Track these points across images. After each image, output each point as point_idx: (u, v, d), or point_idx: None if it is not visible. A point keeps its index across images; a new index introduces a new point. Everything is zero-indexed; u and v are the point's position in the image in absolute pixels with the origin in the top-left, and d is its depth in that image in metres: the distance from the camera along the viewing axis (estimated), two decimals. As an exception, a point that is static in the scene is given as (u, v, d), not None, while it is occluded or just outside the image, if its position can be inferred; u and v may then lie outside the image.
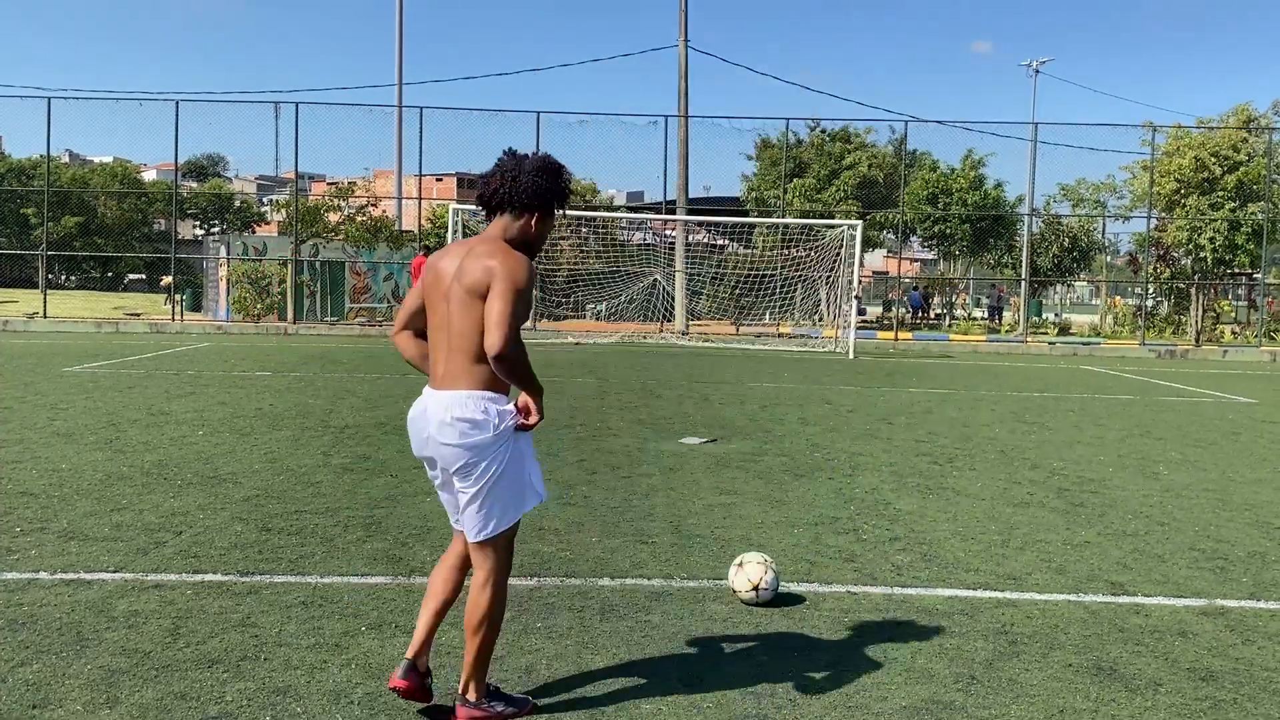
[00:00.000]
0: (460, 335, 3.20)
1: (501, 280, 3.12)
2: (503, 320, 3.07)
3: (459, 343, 3.21)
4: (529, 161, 3.31)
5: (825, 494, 6.90)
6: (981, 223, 36.30)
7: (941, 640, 4.18)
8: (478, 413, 3.19)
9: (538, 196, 3.28)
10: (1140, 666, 3.97)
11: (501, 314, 3.08)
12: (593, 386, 13.27)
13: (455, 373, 3.23)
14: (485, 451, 3.21)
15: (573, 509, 6.22)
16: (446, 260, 3.32)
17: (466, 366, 3.21)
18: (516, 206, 3.29)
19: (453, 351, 3.23)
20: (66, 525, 5.55)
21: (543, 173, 3.28)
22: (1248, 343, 28.55)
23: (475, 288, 3.15)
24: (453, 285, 3.23)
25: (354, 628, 4.11)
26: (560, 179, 3.33)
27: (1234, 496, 7.29)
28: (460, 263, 3.24)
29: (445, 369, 3.25)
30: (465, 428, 3.18)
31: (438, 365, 3.29)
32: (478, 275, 3.16)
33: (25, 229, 53.03)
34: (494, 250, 3.20)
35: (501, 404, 3.24)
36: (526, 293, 3.17)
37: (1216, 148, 29.57)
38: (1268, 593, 4.99)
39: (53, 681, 3.51)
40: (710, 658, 3.93)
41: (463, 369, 3.22)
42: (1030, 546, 5.70)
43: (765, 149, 34.63)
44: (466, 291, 3.18)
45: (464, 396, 3.21)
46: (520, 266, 3.16)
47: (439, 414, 3.22)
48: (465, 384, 3.22)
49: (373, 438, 8.57)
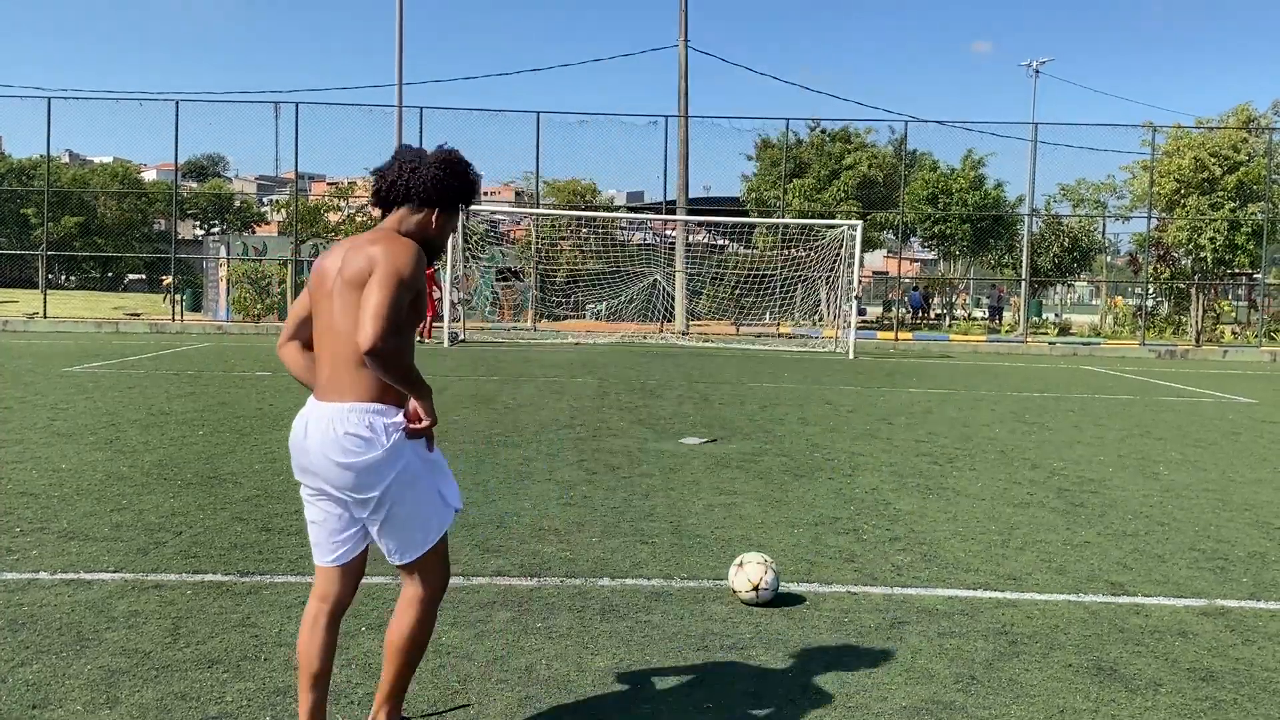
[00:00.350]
0: (343, 340, 2.84)
1: (383, 265, 2.77)
2: (379, 311, 2.70)
3: (343, 349, 2.84)
4: (432, 154, 3.04)
5: (825, 494, 6.91)
6: (981, 223, 36.30)
7: (941, 640, 4.18)
8: (363, 429, 2.82)
9: (439, 190, 2.99)
10: (1140, 667, 3.97)
11: (379, 304, 2.71)
12: (593, 386, 13.27)
13: (339, 383, 2.86)
14: (381, 472, 2.84)
15: (573, 509, 6.22)
16: (331, 258, 2.97)
17: (350, 376, 2.84)
18: (415, 199, 2.98)
19: (336, 360, 2.86)
20: (66, 525, 5.55)
21: (446, 166, 2.99)
22: (1248, 343, 28.55)
23: (357, 279, 2.82)
24: (335, 282, 2.89)
25: (354, 628, 4.11)
26: (466, 176, 3.04)
27: (1234, 497, 7.29)
28: (346, 258, 2.89)
29: (329, 378, 2.89)
30: (352, 445, 2.81)
31: (321, 374, 2.92)
32: (359, 264, 2.83)
33: (25, 229, 53.05)
34: (380, 238, 2.89)
35: (389, 416, 2.86)
36: (412, 283, 2.80)
37: (1216, 148, 29.58)
38: (1268, 593, 4.99)
39: (53, 681, 3.51)
40: (710, 658, 3.93)
41: (347, 378, 2.84)
42: (1030, 546, 5.70)
43: (765, 149, 34.64)
44: (347, 285, 2.84)
45: (347, 410, 2.83)
46: (406, 253, 2.82)
47: (321, 430, 2.84)
48: (350, 395, 2.84)
49: (373, 438, 8.56)
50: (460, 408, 10.69)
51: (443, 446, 9.42)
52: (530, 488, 6.79)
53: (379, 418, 2.84)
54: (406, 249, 2.83)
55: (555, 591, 4.66)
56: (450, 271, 21.55)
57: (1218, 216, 29.34)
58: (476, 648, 3.94)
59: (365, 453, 2.81)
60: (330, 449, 2.83)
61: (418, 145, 3.12)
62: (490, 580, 4.78)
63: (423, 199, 2.98)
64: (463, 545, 5.32)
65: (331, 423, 2.83)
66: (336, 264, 2.92)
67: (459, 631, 4.10)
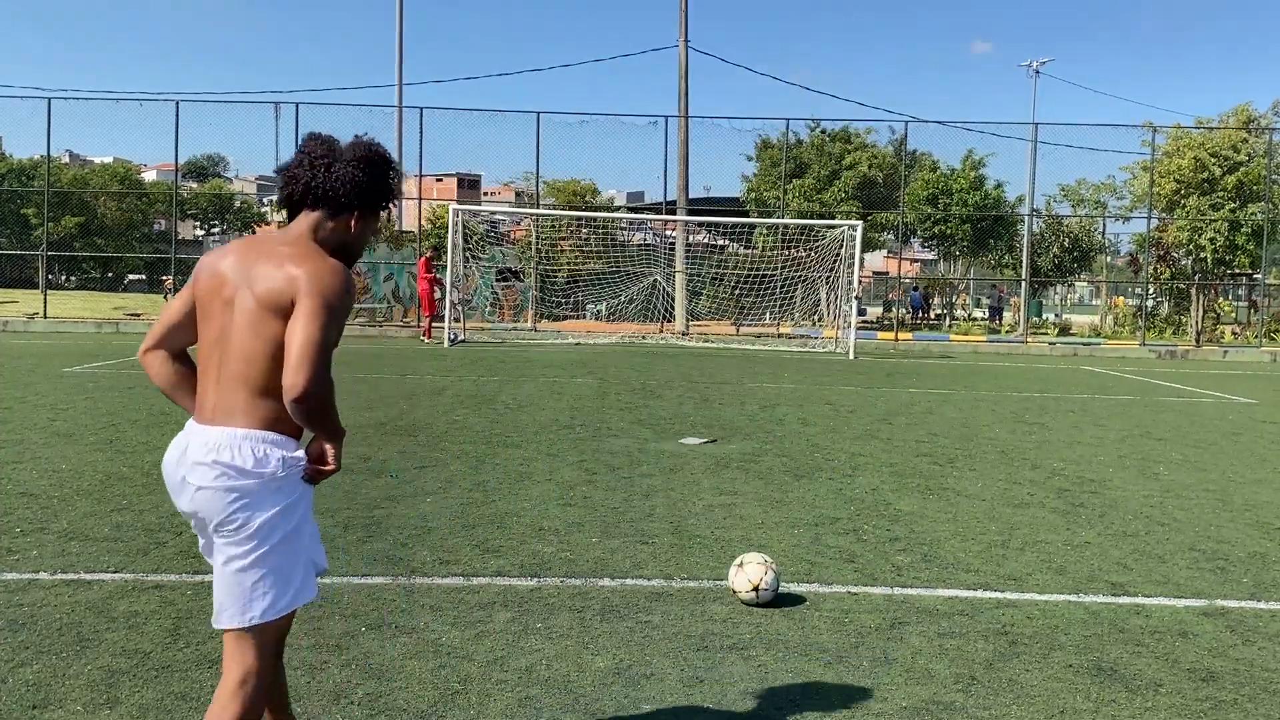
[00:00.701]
0: (242, 359, 2.49)
1: (310, 296, 2.44)
2: (310, 350, 2.39)
3: (240, 369, 2.50)
4: (347, 149, 2.67)
5: (825, 494, 6.90)
6: (982, 223, 36.30)
7: (942, 641, 4.18)
8: (250, 458, 2.47)
9: (357, 193, 2.63)
10: (1141, 667, 3.96)
11: (308, 342, 2.40)
12: (593, 386, 13.27)
13: (231, 406, 2.50)
14: (256, 501, 2.48)
15: (573, 509, 6.22)
16: (230, 260, 2.59)
17: (247, 399, 2.49)
18: (331, 204, 2.63)
19: (229, 379, 2.51)
20: (67, 526, 5.55)
21: (365, 165, 2.65)
22: (1248, 343, 28.55)
23: (272, 300, 2.47)
24: (239, 294, 2.52)
25: (354, 628, 4.11)
26: (387, 174, 2.70)
27: (1234, 497, 7.29)
28: (254, 266, 2.53)
29: (217, 400, 2.52)
30: (229, 471, 2.47)
31: (206, 395, 2.55)
32: (277, 284, 2.47)
33: (25, 229, 53.02)
34: (301, 254, 2.52)
35: (288, 449, 2.53)
36: (342, 312, 2.49)
37: (1216, 148, 29.58)
38: (1268, 593, 4.99)
39: (53, 682, 3.51)
40: (710, 658, 3.93)
41: (242, 402, 2.49)
42: (1030, 547, 5.70)
43: (765, 149, 34.63)
44: (260, 304, 2.48)
45: (239, 437, 2.48)
46: (334, 278, 2.49)
47: (201, 456, 2.49)
48: (242, 420, 2.49)
49: (373, 438, 8.57)
50: (460, 408, 10.69)
51: (443, 446, 9.35)
52: (530, 488, 6.79)
53: (274, 449, 2.50)
54: (336, 274, 2.51)
55: (555, 592, 4.66)
56: (450, 272, 21.56)
57: (1218, 217, 29.34)
58: (476, 648, 3.94)
59: (242, 479, 2.47)
60: (205, 476, 2.48)
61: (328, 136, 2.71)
62: (490, 580, 4.78)
63: (341, 204, 2.63)
64: (463, 545, 5.33)
65: (216, 450, 2.48)
66: (240, 271, 2.55)
67: (459, 631, 4.10)
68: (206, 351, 2.58)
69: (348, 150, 2.66)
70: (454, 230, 21.63)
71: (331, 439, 2.58)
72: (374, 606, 4.37)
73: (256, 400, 2.49)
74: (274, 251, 2.54)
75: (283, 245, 2.56)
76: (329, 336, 2.45)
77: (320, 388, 2.41)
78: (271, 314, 2.47)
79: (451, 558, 5.11)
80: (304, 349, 2.40)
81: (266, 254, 2.54)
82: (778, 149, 33.26)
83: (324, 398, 2.44)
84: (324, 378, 2.42)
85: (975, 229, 36.55)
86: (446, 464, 7.54)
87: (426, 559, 5.07)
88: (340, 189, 2.61)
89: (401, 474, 7.12)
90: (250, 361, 2.49)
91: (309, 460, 2.57)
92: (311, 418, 2.47)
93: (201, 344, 2.60)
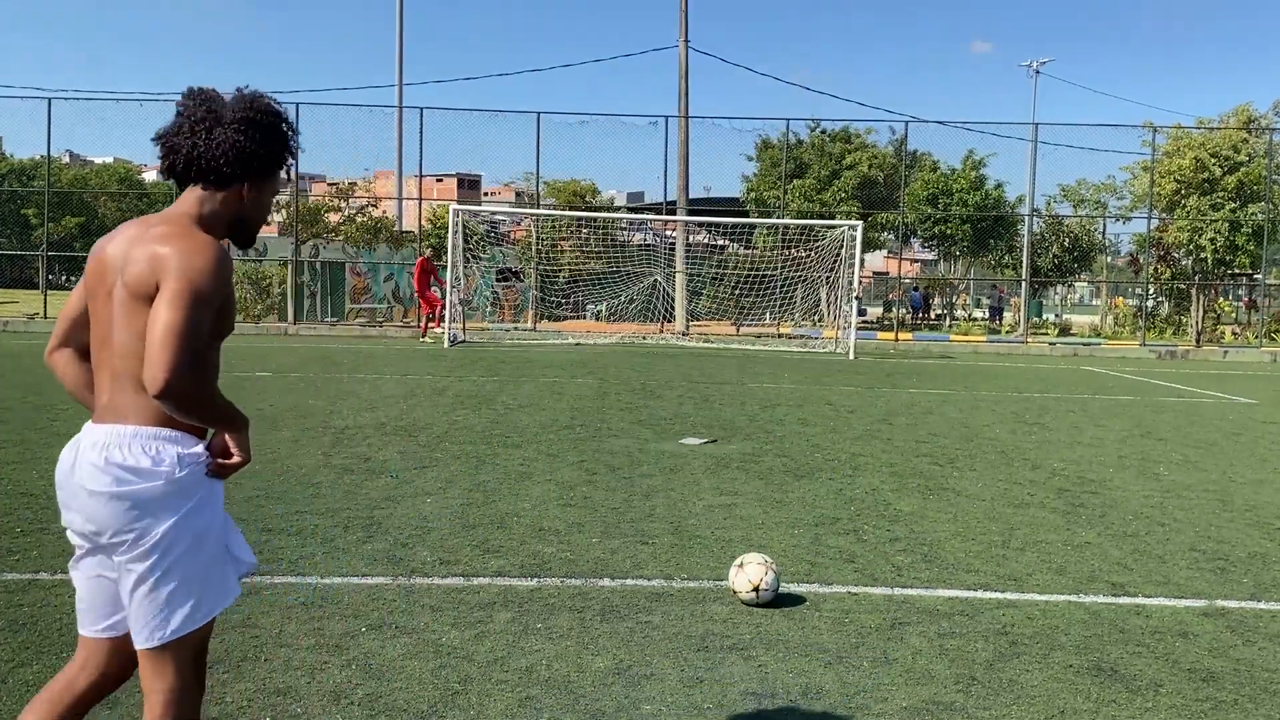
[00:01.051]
0: (124, 354, 2.28)
1: (174, 278, 2.19)
2: (170, 339, 2.14)
3: (123, 364, 2.28)
4: (229, 109, 2.36)
5: (826, 495, 6.90)
6: (982, 223, 36.29)
7: (942, 641, 4.18)
8: (145, 457, 2.26)
9: (243, 161, 2.35)
10: (1141, 667, 3.96)
11: (167, 329, 2.15)
12: (593, 387, 13.27)
13: (120, 404, 2.30)
14: (156, 509, 2.26)
15: (573, 509, 6.22)
16: (114, 244, 2.35)
17: (134, 396, 2.28)
18: (216, 175, 2.35)
19: (117, 375, 2.31)
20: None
21: (249, 128, 2.35)
22: (1248, 343, 28.55)
23: (139, 286, 2.24)
24: (116, 283, 2.30)
25: (354, 628, 4.11)
26: (278, 132, 2.41)
27: (1235, 497, 7.28)
28: (130, 250, 2.29)
29: (109, 398, 2.32)
30: (126, 474, 2.25)
31: (101, 392, 2.35)
32: (143, 268, 2.24)
33: (26, 230, 53.09)
34: (172, 233, 2.28)
35: (186, 445, 2.31)
36: (213, 296, 2.23)
37: (1217, 148, 29.58)
38: (1268, 593, 4.99)
39: (53, 682, 3.51)
40: (710, 658, 3.93)
41: (131, 399, 2.29)
42: (1031, 547, 5.70)
43: (765, 149, 34.64)
44: (129, 292, 2.26)
45: (128, 435, 2.28)
46: (204, 259, 2.23)
47: (92, 458, 2.28)
48: (133, 417, 2.28)
49: (373, 439, 8.57)
50: (460, 408, 10.69)
51: (443, 447, 9.34)
52: (531, 488, 6.79)
53: (170, 446, 2.29)
54: (205, 253, 2.24)
55: (556, 592, 4.65)
56: (450, 272, 21.56)
57: (1218, 217, 29.34)
58: (477, 648, 3.93)
59: (139, 483, 2.25)
60: (98, 480, 2.26)
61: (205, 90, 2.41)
62: (491, 581, 4.78)
63: (226, 175, 2.35)
64: (463, 545, 5.33)
65: (105, 449, 2.27)
66: (119, 259, 2.31)
67: (459, 632, 4.10)
68: (96, 350, 2.38)
69: (228, 112, 2.35)
70: (454, 230, 21.62)
71: (229, 429, 2.34)
72: (374, 606, 4.37)
73: (145, 396, 2.24)
74: (149, 233, 2.29)
75: (159, 224, 2.32)
76: (194, 322, 2.18)
77: (182, 381, 2.14)
78: (140, 302, 2.24)
79: (452, 558, 5.11)
80: (163, 337, 2.14)
81: (143, 236, 2.30)
82: (778, 149, 33.25)
83: (190, 392, 2.18)
84: (187, 369, 2.15)
85: (975, 229, 36.55)
86: (446, 464, 7.54)
87: (427, 559, 5.07)
88: (224, 158, 2.33)
89: (401, 474, 7.12)
90: (127, 356, 2.27)
91: (211, 455, 2.36)
92: (184, 413, 2.23)
93: (93, 341, 2.39)
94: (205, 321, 2.22)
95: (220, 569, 2.38)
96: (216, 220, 2.39)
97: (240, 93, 2.40)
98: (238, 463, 2.37)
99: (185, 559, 2.29)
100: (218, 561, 2.37)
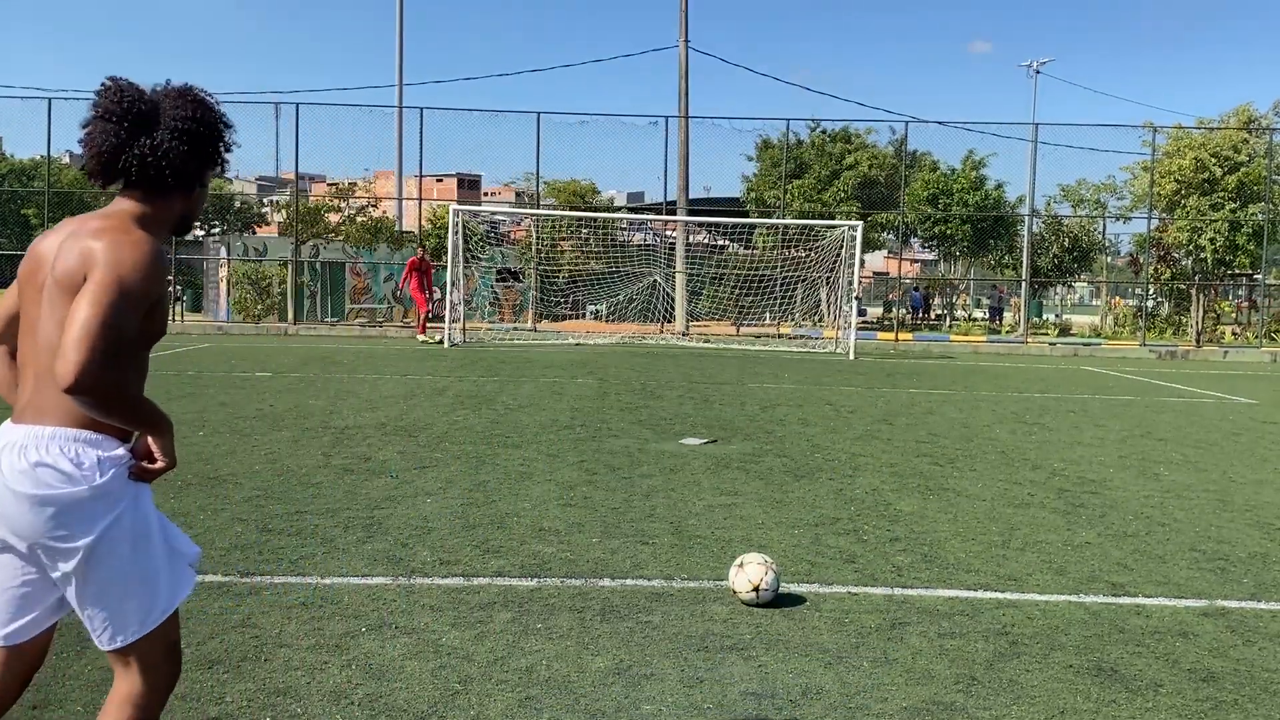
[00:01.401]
0: (49, 350, 2.19)
1: (100, 271, 2.12)
2: (86, 333, 2.05)
3: (48, 360, 2.20)
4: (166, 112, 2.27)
5: (826, 495, 6.90)
6: (982, 223, 36.29)
7: (942, 641, 4.18)
8: (64, 460, 2.18)
9: (182, 169, 2.29)
10: (1141, 667, 3.96)
11: (85, 322, 2.06)
12: (593, 387, 13.27)
13: (42, 404, 2.22)
14: (89, 516, 2.19)
15: (573, 509, 6.22)
16: (49, 241, 2.29)
17: (57, 394, 2.16)
18: (155, 184, 2.29)
19: (40, 373, 2.23)
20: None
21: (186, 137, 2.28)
22: (1248, 343, 28.55)
23: (68, 280, 2.18)
24: (47, 277, 2.24)
25: (354, 628, 4.11)
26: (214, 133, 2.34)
27: (1235, 497, 7.28)
28: (63, 244, 2.23)
29: (30, 397, 2.25)
30: (47, 476, 2.17)
31: (24, 390, 2.28)
32: (73, 262, 2.17)
33: (26, 230, 53.04)
34: (107, 228, 2.21)
35: (107, 449, 2.23)
36: (140, 295, 2.15)
37: (1217, 148, 29.58)
38: (1269, 593, 4.99)
39: (53, 682, 3.51)
40: (710, 658, 3.93)
41: (51, 398, 2.20)
42: (1031, 547, 5.70)
43: (766, 149, 34.65)
44: (58, 285, 2.20)
45: (46, 435, 2.20)
46: (135, 254, 2.16)
47: (10, 460, 2.20)
48: (52, 418, 2.21)
49: (373, 439, 8.57)
50: (460, 408, 10.69)
51: (443, 447, 9.34)
52: (531, 488, 6.79)
53: (90, 449, 2.21)
54: (137, 249, 2.17)
55: (556, 592, 4.65)
56: (450, 272, 21.56)
57: (1218, 217, 29.34)
58: (477, 648, 3.93)
59: (64, 488, 2.17)
60: (18, 481, 2.17)
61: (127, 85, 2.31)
62: (491, 581, 4.78)
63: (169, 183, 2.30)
64: (463, 545, 5.33)
65: (23, 450, 2.19)
66: (53, 248, 2.25)
67: (459, 632, 4.10)
68: (23, 344, 2.30)
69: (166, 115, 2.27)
70: (454, 231, 21.62)
71: (151, 432, 2.28)
72: (374, 607, 4.37)
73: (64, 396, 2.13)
74: (84, 227, 2.23)
75: (96, 220, 2.25)
76: (117, 318, 2.10)
77: (94, 377, 2.05)
78: (66, 295, 2.16)
79: (452, 558, 5.11)
80: (79, 330, 2.05)
81: (76, 233, 2.23)
82: (778, 149, 33.26)
83: (103, 390, 2.08)
84: (101, 366, 2.06)
85: (975, 229, 36.54)
86: (447, 464, 7.54)
87: (427, 559, 5.07)
88: (168, 167, 2.27)
89: (401, 474, 7.12)
90: (51, 351, 2.18)
91: (135, 457, 2.29)
92: (98, 412, 2.14)
93: (20, 336, 2.31)
94: (130, 319, 2.14)
95: (168, 563, 2.33)
96: (157, 223, 2.33)
97: (171, 88, 2.31)
98: (161, 467, 2.31)
99: (127, 563, 2.25)
100: (163, 557, 2.32)
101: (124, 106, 2.25)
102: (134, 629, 2.27)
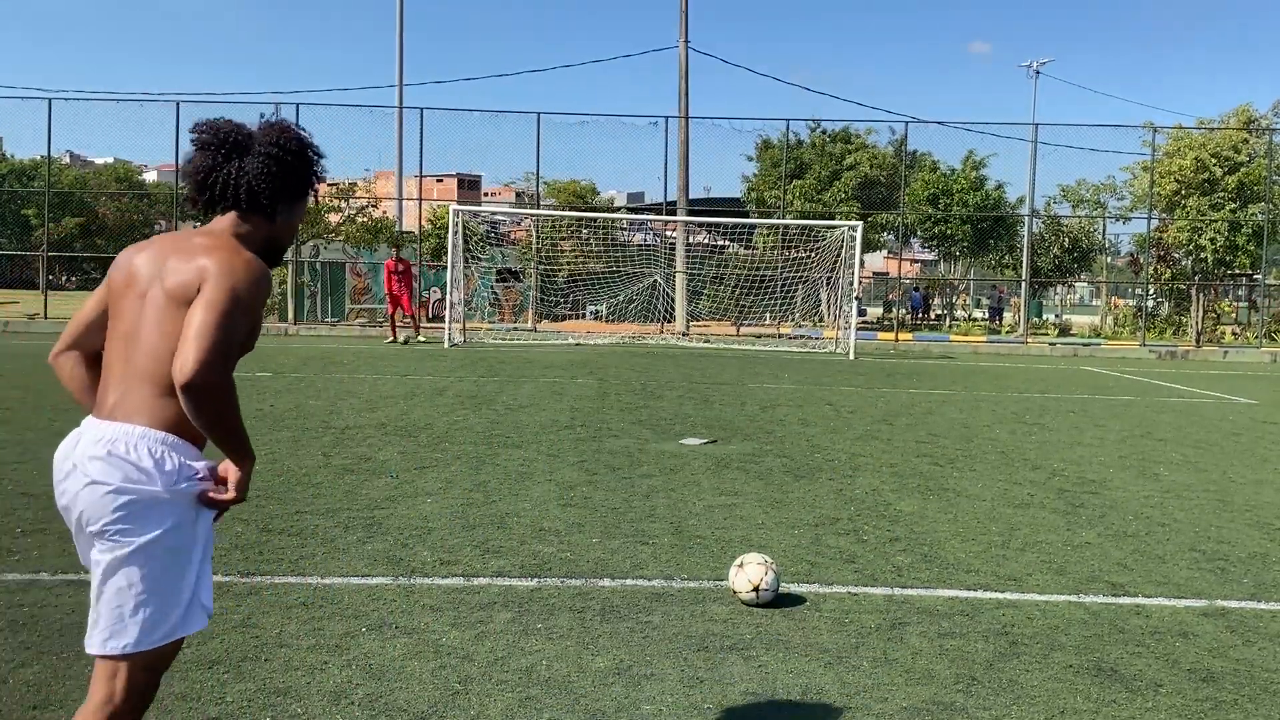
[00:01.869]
0: (150, 355, 2.31)
1: (216, 282, 2.28)
2: (205, 333, 2.21)
3: (147, 364, 2.31)
4: (259, 138, 2.46)
5: (826, 495, 6.90)
6: (982, 224, 36.30)
7: (942, 641, 4.18)
8: (146, 458, 2.28)
9: (275, 192, 2.46)
10: (1141, 667, 3.97)
11: (205, 325, 2.22)
12: (593, 387, 13.27)
13: (134, 404, 2.31)
14: (146, 512, 2.27)
15: (573, 509, 6.22)
16: (145, 255, 2.43)
17: (150, 398, 2.30)
18: (247, 202, 2.46)
19: (134, 376, 2.33)
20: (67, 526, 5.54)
21: (279, 161, 2.45)
22: (1248, 343, 28.54)
23: (180, 293, 2.31)
24: (151, 288, 2.36)
25: (354, 628, 4.11)
26: (305, 161, 2.52)
27: (1235, 497, 7.28)
28: (167, 260, 2.38)
29: (120, 397, 2.33)
30: (131, 472, 2.27)
31: (108, 391, 2.37)
32: (186, 276, 2.31)
33: (26, 230, 53.06)
34: (215, 245, 2.38)
35: (190, 456, 2.35)
36: (250, 305, 2.33)
37: (1217, 149, 29.58)
38: (1269, 594, 4.99)
39: (53, 682, 3.51)
40: (710, 658, 3.93)
41: (145, 400, 2.31)
42: (1031, 547, 5.70)
43: (766, 150, 34.66)
44: (168, 297, 2.32)
45: (135, 434, 2.29)
46: (247, 272, 2.34)
47: (95, 451, 2.29)
48: (142, 418, 2.30)
49: (373, 439, 8.57)
50: (460, 408, 10.69)
51: (443, 447, 9.32)
52: (531, 488, 6.79)
53: (174, 453, 2.31)
54: (249, 267, 2.35)
55: (556, 592, 4.66)
56: (450, 272, 21.56)
57: (1218, 217, 29.34)
58: (477, 648, 3.94)
59: (141, 481, 2.26)
60: (102, 471, 2.27)
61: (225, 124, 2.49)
62: (491, 581, 4.78)
63: (259, 201, 2.46)
64: (463, 545, 5.33)
65: (111, 444, 2.28)
66: (154, 266, 2.39)
67: (459, 632, 4.10)
68: (111, 347, 2.41)
69: (259, 142, 2.45)
70: (454, 231, 21.61)
71: (237, 457, 2.37)
72: (374, 607, 4.37)
73: (161, 400, 2.29)
74: (189, 245, 2.39)
75: (200, 238, 2.41)
76: (230, 326, 2.25)
77: (211, 375, 2.18)
78: (178, 306, 2.30)
79: (452, 558, 5.11)
80: (199, 330, 2.21)
81: (182, 248, 2.38)
82: (778, 149, 33.27)
83: (216, 390, 2.21)
84: (217, 367, 2.19)
85: (975, 229, 36.56)
86: (447, 464, 7.54)
87: (427, 559, 5.07)
88: (256, 190, 2.44)
89: (401, 474, 7.12)
90: (157, 358, 2.30)
91: (210, 478, 2.37)
92: (203, 412, 2.23)
93: (109, 341, 2.42)
94: (241, 326, 2.30)
95: (191, 595, 2.37)
96: (249, 242, 2.47)
97: (265, 122, 2.50)
98: (230, 499, 2.37)
99: (158, 574, 2.29)
100: (190, 588, 2.36)
101: (220, 137, 2.45)
102: (132, 641, 2.29)
